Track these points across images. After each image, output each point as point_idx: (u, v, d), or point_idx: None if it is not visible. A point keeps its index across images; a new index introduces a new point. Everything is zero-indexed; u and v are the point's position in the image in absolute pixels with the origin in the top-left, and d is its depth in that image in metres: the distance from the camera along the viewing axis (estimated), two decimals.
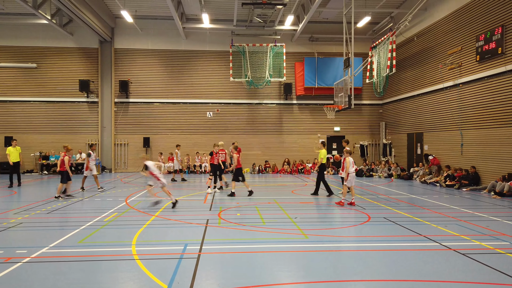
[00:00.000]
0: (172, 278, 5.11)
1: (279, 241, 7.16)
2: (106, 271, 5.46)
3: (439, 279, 5.15)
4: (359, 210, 10.26)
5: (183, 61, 23.64)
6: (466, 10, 16.09)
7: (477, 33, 15.34)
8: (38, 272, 5.37)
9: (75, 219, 8.97)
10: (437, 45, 18.15)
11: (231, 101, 23.88)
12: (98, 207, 10.63)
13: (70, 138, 22.76)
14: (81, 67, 23.08)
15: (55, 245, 6.72)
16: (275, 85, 23.93)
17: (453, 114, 17.01)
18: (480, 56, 15.08)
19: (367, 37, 23.81)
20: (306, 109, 24.31)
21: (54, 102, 22.86)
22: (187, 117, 23.64)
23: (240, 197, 12.60)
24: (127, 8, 19.37)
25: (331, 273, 5.40)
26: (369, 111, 24.74)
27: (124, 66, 23.34)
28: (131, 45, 23.37)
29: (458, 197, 12.87)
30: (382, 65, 19.27)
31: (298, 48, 24.06)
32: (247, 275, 5.30)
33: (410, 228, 8.09)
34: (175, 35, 23.05)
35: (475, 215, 9.63)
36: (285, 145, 23.92)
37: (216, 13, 21.87)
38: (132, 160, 23.25)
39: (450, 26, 17.20)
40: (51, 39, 22.76)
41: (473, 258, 5.99)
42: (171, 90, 23.56)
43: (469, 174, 15.20)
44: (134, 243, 6.87)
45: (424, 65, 19.31)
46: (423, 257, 6.13)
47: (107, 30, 22.28)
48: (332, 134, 24.44)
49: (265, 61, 21.88)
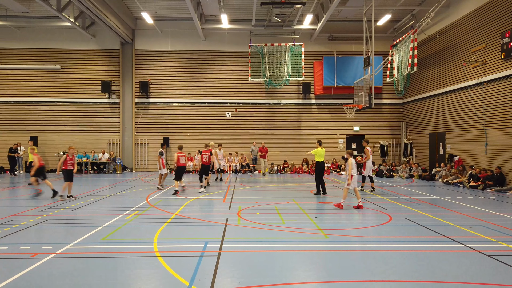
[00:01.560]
0: (194, 275, 5.17)
1: (299, 241, 7.13)
2: (129, 267, 5.56)
3: (463, 281, 5.03)
4: (380, 211, 10.13)
5: (202, 62, 23.83)
6: (491, 7, 15.66)
7: (502, 29, 14.91)
8: (63, 268, 5.51)
9: (98, 217, 9.15)
10: (460, 42, 17.72)
11: (250, 101, 23.93)
12: (120, 206, 10.82)
13: (92, 138, 23.29)
14: (102, 69, 23.56)
15: (80, 241, 6.88)
16: (294, 85, 23.85)
17: (477, 113, 16.58)
18: (506, 53, 14.65)
19: (388, 35, 23.47)
20: (325, 108, 24.13)
21: (76, 103, 23.40)
22: (206, 117, 23.82)
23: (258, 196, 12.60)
24: (147, 10, 19.67)
25: (351, 273, 5.35)
26: (389, 111, 24.37)
27: (144, 67, 23.70)
28: (151, 46, 23.70)
29: (482, 198, 12.54)
30: (403, 63, 18.93)
31: (316, 47, 23.91)
32: (267, 273, 5.30)
33: (432, 229, 7.94)
34: (194, 35, 23.25)
35: (501, 216, 9.37)
36: (303, 145, 23.79)
37: (235, 14, 21.96)
38: (152, 160, 23.56)
39: (473, 23, 16.77)
40: (74, 41, 23.30)
41: (499, 260, 5.83)
42: (190, 90, 23.78)
43: (494, 174, 14.79)
44: (155, 240, 6.96)
45: (447, 63, 18.89)
46: (447, 258, 6.00)
47: (128, 32, 22.67)
48: (351, 133, 24.19)
49: (284, 61, 21.83)
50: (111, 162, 22.61)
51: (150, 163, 23.60)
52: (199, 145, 23.00)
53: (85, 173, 22.00)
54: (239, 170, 22.71)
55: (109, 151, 23.04)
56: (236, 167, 22.68)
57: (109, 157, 22.56)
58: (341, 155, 23.71)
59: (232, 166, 22.64)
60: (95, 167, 22.60)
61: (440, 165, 18.81)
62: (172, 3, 21.00)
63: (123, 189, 14.68)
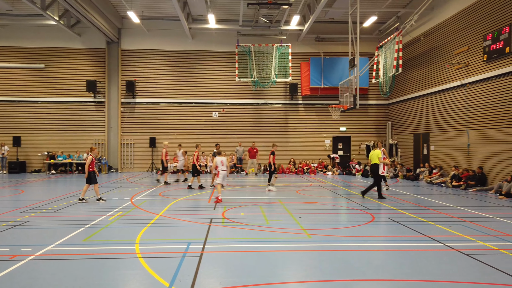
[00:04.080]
0: (174, 276, 5.15)
1: (282, 241, 7.16)
2: (109, 269, 5.51)
3: (442, 279, 5.12)
4: (363, 211, 10.23)
5: (189, 62, 23.74)
6: (473, 9, 15.95)
7: (484, 32, 15.20)
8: (42, 270, 5.43)
9: (81, 218, 9.05)
10: (444, 44, 18.01)
11: (237, 101, 23.93)
12: (103, 206, 10.72)
13: (77, 138, 23.01)
14: (88, 68, 23.29)
15: (60, 243, 6.80)
16: (281, 85, 23.92)
17: (460, 114, 16.87)
18: (488, 55, 14.94)
19: (373, 36, 23.71)
20: (312, 109, 24.27)
21: (61, 102, 23.09)
22: (193, 117, 23.73)
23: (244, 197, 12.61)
24: (133, 9, 19.50)
25: (334, 272, 5.39)
26: (375, 111, 24.63)
27: (130, 66, 23.51)
28: (138, 46, 23.52)
29: (464, 198, 12.76)
30: (388, 65, 19.16)
31: (304, 48, 24.04)
32: (249, 274, 5.31)
33: (414, 228, 8.05)
34: (181, 35, 23.15)
35: (481, 215, 9.55)
36: (290, 145, 23.89)
37: (222, 14, 21.93)
38: (139, 160, 23.39)
39: (457, 26, 17.06)
40: (58, 40, 22.98)
41: (476, 258, 5.94)
42: (177, 90, 23.67)
43: (475, 174, 15.06)
44: (137, 241, 6.92)
45: (431, 65, 19.18)
46: (427, 257, 6.10)
47: (114, 31, 22.45)
48: (338, 134, 24.37)
49: (271, 61, 21.87)
50: (96, 162, 22.32)
51: (136, 163, 23.42)
52: (185, 145, 22.87)
53: (70, 174, 21.71)
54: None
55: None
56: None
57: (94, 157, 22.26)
58: (328, 154, 23.87)
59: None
60: (79, 167, 22.33)
61: (424, 165, 19.09)
62: (158, 3, 20.86)
63: (107, 189, 14.53)
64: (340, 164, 23.25)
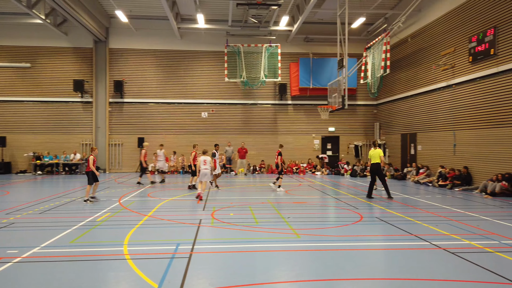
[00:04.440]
0: (163, 277, 5.13)
1: (272, 241, 7.19)
2: (97, 271, 5.46)
3: (429, 277, 5.20)
4: (352, 210, 10.32)
5: (178, 61, 23.63)
6: (459, 12, 16.21)
7: (470, 34, 15.47)
8: (28, 272, 5.36)
9: (68, 219, 8.94)
10: (431, 46, 18.27)
11: (226, 101, 23.90)
12: (91, 208, 10.61)
13: (64, 138, 22.72)
14: (75, 67, 23.01)
15: (47, 245, 6.71)
16: (270, 86, 23.97)
17: (446, 114, 17.13)
18: (473, 57, 15.20)
19: (362, 38, 23.91)
20: (301, 109, 24.37)
21: (48, 102, 22.77)
22: (182, 118, 23.63)
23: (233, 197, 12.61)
24: (121, 8, 19.34)
25: (322, 272, 5.43)
26: (363, 112, 24.84)
27: (118, 66, 23.30)
28: (126, 45, 23.33)
29: (450, 197, 12.96)
30: (376, 66, 19.34)
31: (293, 48, 24.12)
32: (238, 274, 5.32)
33: (401, 227, 8.15)
34: (170, 35, 23.02)
35: (466, 214, 9.71)
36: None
37: (211, 14, 21.87)
38: (127, 160, 23.19)
39: (443, 27, 17.32)
40: (45, 39, 22.65)
41: (462, 257, 6.04)
42: (166, 90, 23.54)
43: (461, 174, 15.31)
44: (126, 243, 6.87)
45: (418, 66, 19.43)
46: (414, 256, 6.18)
47: (101, 30, 22.22)
48: (327, 134, 24.52)
49: (260, 62, 21.89)
50: (84, 163, 22.09)
51: (124, 164, 23.21)
52: (174, 145, 22.82)
53: (56, 174, 21.42)
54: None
55: (82, 152, 22.53)
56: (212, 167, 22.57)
57: (81, 157, 22.06)
58: (317, 155, 24.01)
59: None
60: (66, 168, 22.06)
61: (412, 165, 19.32)
62: (147, 2, 20.70)
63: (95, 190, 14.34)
64: (329, 164, 23.40)
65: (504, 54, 13.74)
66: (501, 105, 13.91)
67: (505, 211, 10.37)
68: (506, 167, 13.52)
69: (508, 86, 13.62)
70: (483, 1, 14.79)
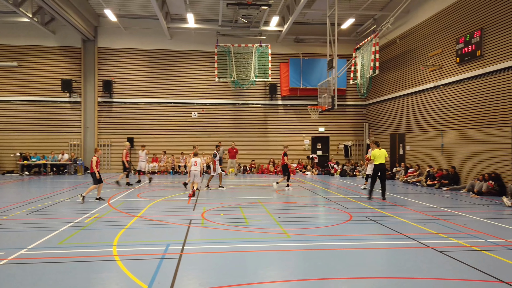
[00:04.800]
0: (153, 278, 5.10)
1: (262, 241, 7.20)
2: (86, 272, 5.41)
3: (417, 276, 5.27)
4: (342, 210, 10.39)
5: (168, 61, 23.51)
6: (447, 13, 16.43)
7: (457, 35, 15.69)
8: (15, 274, 5.28)
9: (56, 220, 8.84)
10: (419, 47, 18.48)
11: (217, 101, 23.85)
12: (79, 208, 10.50)
13: (52, 138, 22.43)
14: (63, 66, 22.74)
15: (34, 246, 6.62)
16: (260, 86, 23.99)
17: (434, 115, 17.35)
18: (460, 58, 15.42)
19: (351, 38, 24.07)
20: (291, 109, 24.44)
21: (35, 101, 22.45)
22: (172, 117, 23.52)
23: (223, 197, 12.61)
24: (110, 7, 19.15)
25: (313, 272, 5.46)
26: (353, 112, 25.02)
27: (107, 65, 23.08)
28: (115, 44, 23.12)
29: (438, 196, 13.14)
30: (366, 66, 19.50)
31: (283, 49, 24.18)
32: (229, 274, 5.32)
33: (390, 227, 8.24)
34: (160, 34, 22.89)
35: (454, 213, 9.86)
36: (270, 145, 23.98)
37: (201, 13, 21.81)
38: (116, 161, 22.96)
39: (431, 29, 17.54)
40: (32, 38, 22.34)
41: (449, 255, 6.13)
42: (156, 90, 23.40)
43: (449, 173, 15.53)
44: (115, 244, 6.81)
45: (406, 67, 19.64)
46: (402, 255, 6.26)
47: (90, 29, 21.99)
48: (317, 134, 24.64)
49: (251, 62, 21.92)
50: (72, 163, 21.86)
51: (114, 164, 22.99)
52: (164, 146, 22.71)
53: (44, 175, 21.14)
54: (205, 171, 22.57)
55: (70, 152, 22.27)
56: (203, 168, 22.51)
57: (69, 158, 21.81)
58: (307, 155, 24.11)
59: None
60: (54, 168, 21.78)
61: (400, 164, 19.52)
62: (136, 1, 20.55)
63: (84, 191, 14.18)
64: (319, 164, 23.51)
65: (490, 56, 13.98)
66: (488, 105, 14.14)
67: (491, 210, 10.55)
68: (493, 167, 13.75)
69: (494, 87, 13.86)
70: (470, 3, 15.02)
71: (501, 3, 13.51)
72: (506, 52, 13.26)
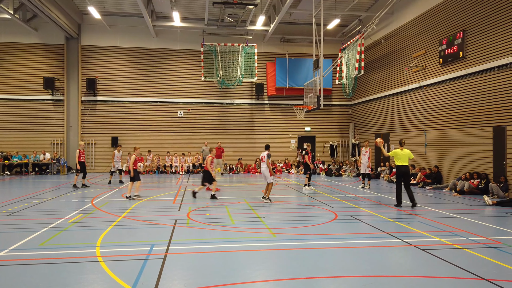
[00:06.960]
0: (137, 279, 5.04)
1: (248, 240, 7.19)
2: (68, 274, 5.31)
3: (400, 274, 5.33)
4: (327, 209, 10.45)
5: (153, 60, 23.29)
6: (430, 15, 16.70)
7: (440, 37, 15.95)
8: None
9: (38, 221, 8.66)
10: (403, 48, 18.74)
11: (203, 100, 23.74)
12: (62, 209, 10.31)
13: (34, 137, 22.00)
14: (45, 64, 22.31)
15: (15, 248, 6.47)
16: (247, 85, 23.98)
17: (417, 115, 17.61)
18: (443, 59, 15.69)
19: (337, 39, 24.25)
20: (277, 109, 24.50)
21: (17, 100, 21.98)
22: (158, 117, 23.31)
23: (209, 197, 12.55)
24: (94, 4, 18.87)
25: (299, 271, 5.47)
26: (338, 112, 25.22)
27: (91, 63, 22.74)
28: (99, 42, 22.79)
29: (421, 195, 13.34)
30: (351, 66, 19.69)
31: (269, 48, 24.21)
32: (214, 274, 5.29)
33: (374, 225, 8.33)
34: (145, 32, 22.66)
35: (436, 212, 10.02)
36: (256, 145, 23.98)
37: (187, 12, 21.67)
38: (100, 160, 22.67)
39: (415, 30, 17.80)
40: (14, 35, 21.85)
41: (432, 253, 6.23)
42: (141, 88, 23.16)
43: (432, 173, 15.79)
44: (98, 244, 6.71)
45: (391, 68, 19.89)
46: (386, 253, 6.33)
47: (73, 26, 21.62)
48: (303, 134, 24.75)
49: (237, 61, 21.89)
50: (55, 163, 21.46)
51: (98, 163, 22.69)
52: (150, 145, 22.49)
53: (26, 175, 20.70)
54: (191, 171, 22.47)
55: (53, 151, 21.86)
56: (189, 167, 22.43)
57: (51, 157, 21.40)
58: (293, 154, 24.20)
59: (185, 166, 22.36)
60: (36, 168, 21.34)
61: (385, 164, 19.76)
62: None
63: (67, 191, 13.99)
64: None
65: (472, 57, 14.26)
66: (470, 106, 14.42)
67: (473, 208, 10.76)
68: (474, 166, 14.04)
69: (476, 88, 14.14)
70: (452, 5, 15.29)
71: (483, 5, 13.79)
72: (488, 53, 13.54)
